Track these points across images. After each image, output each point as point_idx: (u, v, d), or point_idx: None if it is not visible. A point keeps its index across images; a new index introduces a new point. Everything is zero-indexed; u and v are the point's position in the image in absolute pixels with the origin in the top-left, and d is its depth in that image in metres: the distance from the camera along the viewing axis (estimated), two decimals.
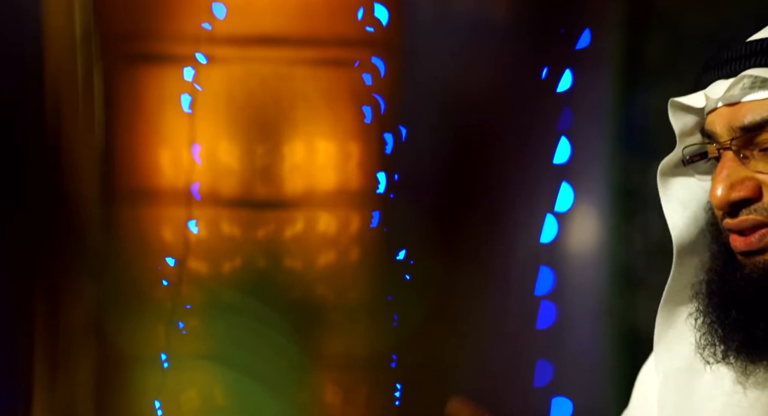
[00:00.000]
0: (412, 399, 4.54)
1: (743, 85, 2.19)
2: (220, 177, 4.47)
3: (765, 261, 2.18)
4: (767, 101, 2.18)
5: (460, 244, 4.57)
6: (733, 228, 2.20)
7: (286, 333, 4.45)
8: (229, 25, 4.45)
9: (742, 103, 2.19)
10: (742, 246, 2.19)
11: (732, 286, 2.20)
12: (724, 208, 2.20)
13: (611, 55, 4.62)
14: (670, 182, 2.32)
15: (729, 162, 2.19)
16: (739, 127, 2.18)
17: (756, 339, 2.16)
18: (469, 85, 4.55)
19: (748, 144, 2.19)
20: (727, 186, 2.17)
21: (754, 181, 2.18)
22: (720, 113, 2.21)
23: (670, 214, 2.32)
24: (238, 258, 4.48)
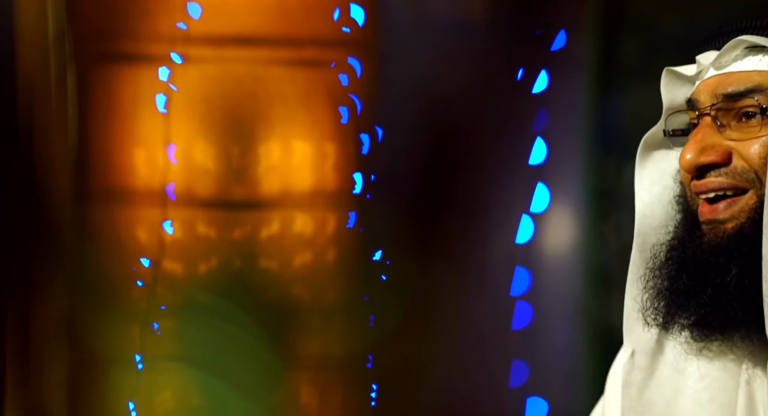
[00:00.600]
0: (388, 399, 4.20)
1: (735, 55, 2.12)
2: (196, 177, 4.11)
3: (726, 230, 2.08)
4: (753, 73, 2.10)
5: (436, 245, 4.23)
6: (700, 190, 2.12)
7: (262, 333, 4.10)
8: (204, 24, 4.09)
9: (730, 72, 2.11)
10: (708, 213, 2.10)
11: (689, 252, 2.12)
12: (692, 171, 2.12)
13: (586, 57, 4.29)
14: (649, 157, 2.23)
15: (705, 127, 2.12)
16: (723, 93, 2.10)
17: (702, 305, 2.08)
18: (445, 85, 4.21)
19: (726, 111, 2.11)
20: (698, 149, 2.09)
21: (725, 147, 2.10)
22: (708, 82, 2.14)
23: (640, 189, 2.22)
24: (213, 258, 4.12)
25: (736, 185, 2.11)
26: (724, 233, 2.10)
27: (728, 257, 2.09)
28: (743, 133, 2.12)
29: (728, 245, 2.10)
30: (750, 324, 2.07)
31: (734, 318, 2.08)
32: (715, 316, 2.09)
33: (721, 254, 2.09)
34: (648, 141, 2.25)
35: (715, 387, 2.12)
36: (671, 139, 2.21)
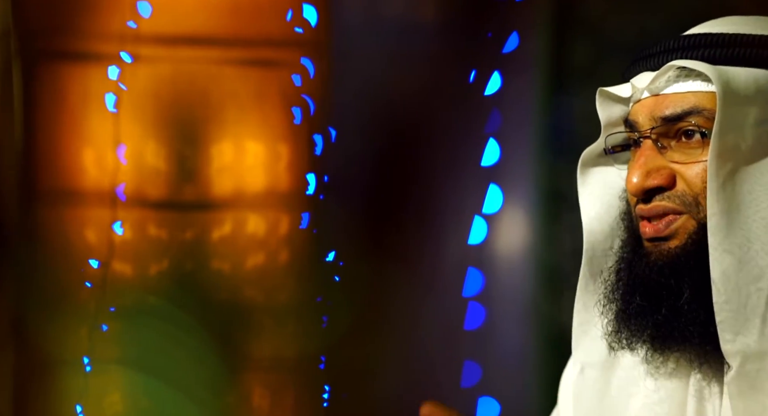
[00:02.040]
0: (341, 400, 3.43)
1: (668, 77, 1.81)
2: (147, 178, 3.31)
3: (669, 248, 1.79)
4: (689, 95, 1.80)
5: (389, 246, 3.46)
6: (644, 215, 1.82)
7: (214, 335, 3.32)
8: (154, 23, 3.29)
9: (666, 95, 1.81)
10: (651, 232, 1.81)
11: (638, 273, 1.82)
12: (639, 195, 1.82)
13: (538, 59, 3.53)
14: (590, 172, 1.94)
15: (647, 150, 1.82)
16: (661, 116, 1.81)
17: (659, 326, 1.78)
18: (398, 86, 3.44)
19: (666, 134, 1.81)
20: (643, 173, 1.80)
21: (669, 170, 1.80)
22: (644, 104, 1.84)
23: (584, 204, 1.94)
24: (164, 260, 3.32)
25: (675, 209, 1.80)
26: (669, 252, 1.80)
27: (678, 279, 1.79)
28: (685, 155, 1.80)
29: (675, 265, 1.80)
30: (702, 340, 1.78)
31: (692, 339, 1.79)
32: (672, 337, 1.80)
33: (671, 276, 1.79)
34: (586, 157, 1.94)
35: (666, 399, 1.83)
36: (612, 155, 1.90)
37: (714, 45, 1.79)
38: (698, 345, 1.78)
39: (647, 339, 1.80)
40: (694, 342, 1.78)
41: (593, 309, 1.90)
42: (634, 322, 1.81)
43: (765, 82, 1.76)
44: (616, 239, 1.88)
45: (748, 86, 1.75)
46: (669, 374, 1.83)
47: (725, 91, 1.73)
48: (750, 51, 1.77)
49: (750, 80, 1.76)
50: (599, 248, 1.89)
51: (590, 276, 1.90)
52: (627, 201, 1.88)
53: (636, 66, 1.87)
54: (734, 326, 1.71)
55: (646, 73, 1.84)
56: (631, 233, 1.86)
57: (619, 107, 1.89)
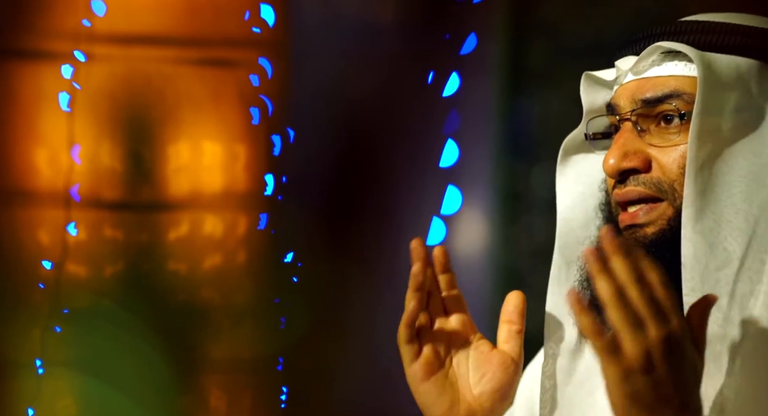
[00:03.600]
0: (299, 401, 2.85)
1: (652, 60, 1.54)
2: (101, 178, 2.73)
3: (645, 234, 1.52)
4: (670, 78, 1.53)
5: (347, 246, 2.89)
6: (620, 200, 1.54)
7: (170, 337, 2.76)
8: (109, 22, 2.72)
9: (648, 78, 1.54)
10: (628, 219, 1.53)
11: None
12: (614, 176, 1.53)
13: (496, 61, 2.97)
14: (570, 161, 1.63)
15: (626, 132, 1.54)
16: (641, 98, 1.53)
17: None
18: (357, 87, 2.87)
19: (646, 116, 1.53)
20: (620, 154, 1.53)
21: (646, 153, 1.53)
22: (627, 87, 1.56)
23: (561, 192, 1.63)
24: (120, 261, 2.75)
25: (652, 195, 1.55)
26: (645, 237, 1.54)
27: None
28: (663, 139, 1.56)
29: (651, 251, 1.52)
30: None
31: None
32: None
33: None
34: (568, 144, 1.65)
35: None
36: (592, 142, 1.63)
37: (699, 31, 1.54)
38: None
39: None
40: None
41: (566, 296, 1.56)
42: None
43: (746, 69, 1.53)
44: (592, 228, 1.62)
45: (729, 72, 1.52)
46: None
47: (706, 75, 1.50)
48: (734, 38, 1.53)
49: (732, 67, 1.52)
50: (573, 236, 1.63)
51: (564, 264, 1.62)
52: (606, 191, 1.61)
53: (622, 50, 1.61)
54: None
55: (631, 57, 1.58)
56: (608, 223, 1.59)
57: (602, 93, 1.62)
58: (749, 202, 1.49)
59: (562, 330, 1.61)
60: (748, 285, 1.48)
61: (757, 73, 1.52)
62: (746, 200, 1.49)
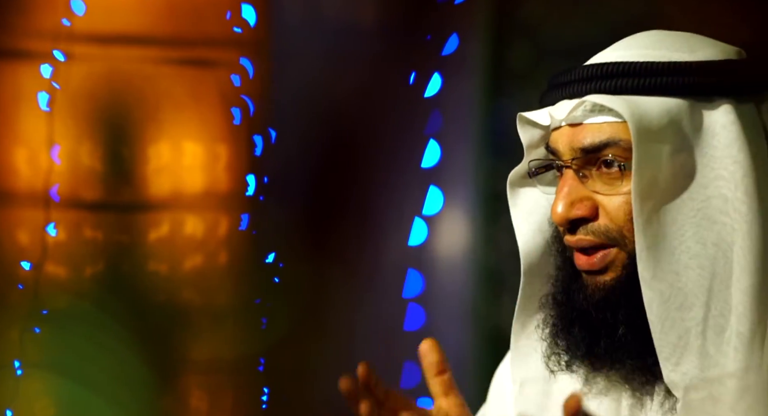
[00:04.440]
0: (280, 402, 2.75)
1: (584, 107, 1.48)
2: (81, 179, 2.62)
3: (605, 281, 1.48)
4: (605, 125, 1.47)
5: (329, 247, 2.78)
6: (572, 246, 1.50)
7: (151, 338, 2.64)
8: (89, 21, 2.60)
9: (584, 125, 1.48)
10: (585, 265, 1.49)
11: (575, 304, 1.50)
12: (564, 225, 1.49)
13: (478, 61, 2.87)
14: (519, 192, 1.59)
15: (570, 180, 1.49)
16: (580, 147, 1.48)
17: (598, 356, 1.48)
18: (339, 87, 2.77)
19: (587, 164, 1.48)
20: (567, 204, 1.48)
21: (592, 201, 1.49)
22: (563, 132, 1.50)
23: (518, 223, 1.58)
24: (100, 262, 2.63)
25: (603, 243, 1.49)
26: (604, 285, 1.49)
27: (614, 313, 1.48)
28: (606, 185, 1.49)
29: (611, 298, 1.49)
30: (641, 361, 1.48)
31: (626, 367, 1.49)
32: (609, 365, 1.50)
33: (606, 309, 1.48)
34: (513, 178, 1.60)
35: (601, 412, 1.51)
36: (536, 178, 1.57)
37: (626, 74, 1.48)
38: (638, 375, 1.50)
39: (587, 364, 1.51)
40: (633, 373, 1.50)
41: (532, 330, 1.58)
42: (574, 349, 1.52)
43: (677, 111, 1.47)
44: (550, 261, 1.56)
45: (661, 118, 1.46)
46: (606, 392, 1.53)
47: (638, 127, 1.45)
48: (662, 80, 1.47)
49: (663, 112, 1.46)
50: (536, 267, 1.57)
51: (529, 297, 1.58)
52: (556, 226, 1.56)
53: (552, 93, 1.55)
54: (674, 356, 1.44)
55: (564, 101, 1.52)
56: (564, 258, 1.54)
57: (539, 130, 1.56)
58: (702, 243, 1.43)
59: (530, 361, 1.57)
60: (716, 327, 1.43)
61: (687, 111, 1.46)
62: (699, 242, 1.44)
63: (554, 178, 1.55)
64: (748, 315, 1.41)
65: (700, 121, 1.46)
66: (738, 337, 1.41)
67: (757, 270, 1.42)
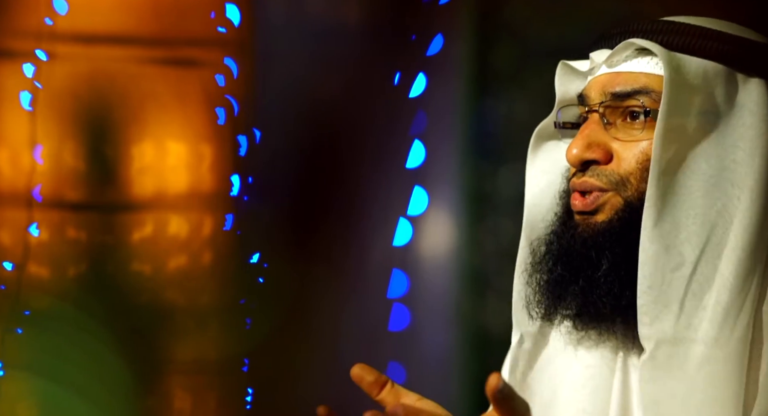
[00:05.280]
0: (264, 403, 2.64)
1: (625, 55, 1.48)
2: (65, 179, 2.52)
3: (596, 222, 1.46)
4: (641, 75, 1.47)
5: (313, 247, 2.68)
6: (575, 188, 1.48)
7: (135, 339, 2.54)
8: (71, 21, 2.50)
9: (619, 72, 1.48)
10: (579, 205, 1.48)
11: (563, 244, 1.48)
12: (576, 165, 1.48)
13: (462, 62, 2.77)
14: (540, 148, 1.56)
15: (593, 124, 1.48)
16: (611, 92, 1.47)
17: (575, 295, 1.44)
18: (323, 87, 2.66)
19: (614, 110, 1.47)
20: (584, 144, 1.47)
21: (609, 147, 1.47)
22: (598, 79, 1.49)
23: (531, 180, 1.56)
24: (83, 262, 2.53)
25: (602, 188, 1.46)
26: (595, 226, 1.45)
27: (599, 252, 1.44)
28: (627, 134, 1.46)
29: (599, 239, 1.45)
30: (625, 316, 1.43)
31: (603, 310, 1.44)
32: (588, 308, 1.45)
33: (592, 248, 1.45)
34: (540, 132, 1.56)
35: (592, 372, 1.47)
36: (561, 130, 1.54)
37: (671, 32, 1.48)
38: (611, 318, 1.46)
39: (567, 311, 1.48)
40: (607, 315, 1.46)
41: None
42: (553, 291, 1.49)
43: (713, 74, 1.46)
44: (551, 214, 1.55)
45: (696, 75, 1.45)
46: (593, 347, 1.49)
47: (673, 77, 1.44)
48: (703, 42, 1.46)
49: (699, 70, 1.46)
50: (537, 223, 1.55)
51: (529, 250, 1.55)
52: (568, 180, 1.54)
53: (597, 44, 1.54)
54: (653, 311, 1.41)
55: (605, 50, 1.51)
56: (564, 207, 1.53)
57: (576, 83, 1.55)
58: (708, 207, 1.43)
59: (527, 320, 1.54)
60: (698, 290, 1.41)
61: (723, 78, 1.46)
62: (705, 205, 1.43)
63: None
64: (731, 285, 1.40)
65: (733, 93, 1.45)
66: (715, 305, 1.40)
67: (750, 244, 1.41)
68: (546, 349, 1.55)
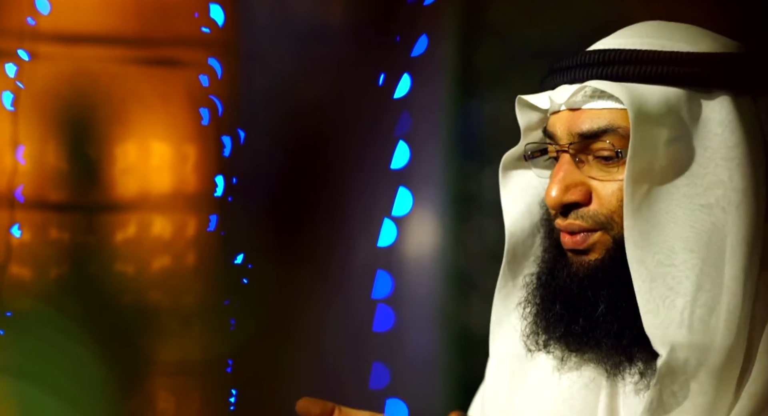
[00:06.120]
0: (248, 403, 2.55)
1: (584, 93, 1.41)
2: (47, 179, 2.42)
3: (589, 261, 1.42)
4: (604, 111, 1.41)
5: (298, 248, 2.59)
6: (562, 230, 1.43)
7: (118, 339, 2.44)
8: (54, 20, 2.40)
9: (583, 110, 1.42)
10: (570, 244, 1.43)
11: (559, 282, 1.44)
12: (557, 209, 1.43)
13: (447, 63, 2.69)
14: (511, 174, 1.51)
15: (566, 165, 1.43)
16: (578, 133, 1.41)
17: (576, 335, 1.42)
18: (308, 88, 2.57)
19: (584, 149, 1.42)
20: (561, 188, 1.42)
21: (586, 186, 1.42)
22: (561, 116, 1.43)
23: (507, 205, 1.51)
24: (66, 263, 2.43)
25: (590, 228, 1.42)
26: (588, 264, 1.42)
27: (595, 292, 1.41)
28: (602, 172, 1.41)
29: (593, 278, 1.41)
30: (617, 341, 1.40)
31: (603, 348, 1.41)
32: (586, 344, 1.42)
33: (588, 288, 1.41)
34: (507, 160, 1.49)
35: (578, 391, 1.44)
36: (531, 161, 1.48)
37: (627, 62, 1.41)
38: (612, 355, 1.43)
39: (563, 344, 1.45)
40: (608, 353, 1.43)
41: (513, 308, 1.51)
42: (553, 328, 1.45)
43: (676, 101, 1.40)
44: (536, 242, 1.51)
45: (660, 106, 1.39)
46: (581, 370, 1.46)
47: (637, 113, 1.38)
48: (662, 68, 1.40)
49: (662, 100, 1.40)
50: (520, 249, 1.51)
51: (510, 276, 1.51)
52: (547, 208, 1.50)
53: (553, 77, 1.47)
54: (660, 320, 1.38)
55: (564, 86, 1.45)
56: (551, 240, 1.48)
57: (537, 114, 1.49)
58: (695, 228, 1.38)
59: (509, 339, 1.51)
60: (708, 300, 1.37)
61: (686, 102, 1.40)
62: (692, 228, 1.38)
63: (549, 163, 1.49)
64: (739, 295, 1.37)
65: (698, 112, 1.39)
66: (728, 314, 1.37)
67: (748, 254, 1.37)
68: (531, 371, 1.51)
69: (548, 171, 1.49)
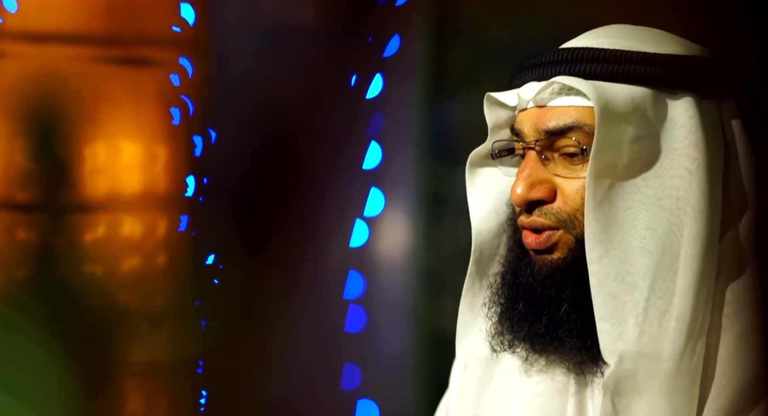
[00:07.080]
0: (218, 405, 2.44)
1: (552, 89, 1.39)
2: (14, 179, 2.31)
3: (552, 260, 1.39)
4: (571, 108, 1.38)
5: (269, 249, 2.48)
6: (525, 227, 1.40)
7: (87, 341, 2.33)
8: (21, 19, 2.28)
9: (550, 107, 1.39)
10: (532, 243, 1.40)
11: (522, 281, 1.40)
12: (522, 206, 1.40)
13: (419, 63, 2.58)
14: (478, 172, 1.48)
15: (532, 162, 1.40)
16: (544, 129, 1.39)
17: (539, 334, 1.38)
18: (279, 88, 2.46)
19: (550, 147, 1.39)
20: (527, 185, 1.39)
21: (552, 183, 1.39)
22: (529, 114, 1.41)
23: (474, 203, 1.47)
24: (33, 264, 2.32)
25: (552, 226, 1.39)
26: (551, 263, 1.39)
27: (558, 290, 1.38)
28: (567, 169, 1.39)
29: (556, 277, 1.38)
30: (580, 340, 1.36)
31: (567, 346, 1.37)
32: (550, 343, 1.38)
33: (552, 287, 1.38)
34: (474, 158, 1.47)
35: (546, 395, 1.40)
36: (498, 159, 1.45)
37: (595, 60, 1.38)
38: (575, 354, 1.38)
39: (528, 344, 1.40)
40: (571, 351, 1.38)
41: (478, 310, 1.46)
42: (517, 328, 1.40)
43: (641, 100, 1.37)
44: (502, 242, 1.46)
45: (625, 104, 1.36)
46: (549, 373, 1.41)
47: (603, 110, 1.35)
48: (629, 68, 1.37)
49: (628, 98, 1.37)
50: (486, 248, 1.46)
51: (477, 277, 1.47)
52: (513, 208, 1.45)
53: (522, 75, 1.44)
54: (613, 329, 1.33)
55: (532, 83, 1.42)
56: (515, 240, 1.44)
57: (505, 112, 1.45)
58: (654, 229, 1.34)
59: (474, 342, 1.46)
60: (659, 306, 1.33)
61: (651, 101, 1.37)
62: (651, 227, 1.35)
63: (516, 161, 1.45)
64: (690, 301, 1.32)
65: (663, 112, 1.36)
66: (677, 320, 1.33)
67: (702, 260, 1.33)
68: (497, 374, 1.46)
69: (515, 169, 1.45)
